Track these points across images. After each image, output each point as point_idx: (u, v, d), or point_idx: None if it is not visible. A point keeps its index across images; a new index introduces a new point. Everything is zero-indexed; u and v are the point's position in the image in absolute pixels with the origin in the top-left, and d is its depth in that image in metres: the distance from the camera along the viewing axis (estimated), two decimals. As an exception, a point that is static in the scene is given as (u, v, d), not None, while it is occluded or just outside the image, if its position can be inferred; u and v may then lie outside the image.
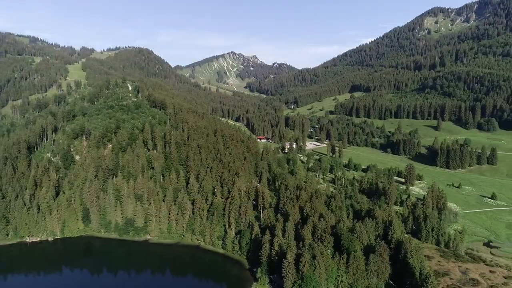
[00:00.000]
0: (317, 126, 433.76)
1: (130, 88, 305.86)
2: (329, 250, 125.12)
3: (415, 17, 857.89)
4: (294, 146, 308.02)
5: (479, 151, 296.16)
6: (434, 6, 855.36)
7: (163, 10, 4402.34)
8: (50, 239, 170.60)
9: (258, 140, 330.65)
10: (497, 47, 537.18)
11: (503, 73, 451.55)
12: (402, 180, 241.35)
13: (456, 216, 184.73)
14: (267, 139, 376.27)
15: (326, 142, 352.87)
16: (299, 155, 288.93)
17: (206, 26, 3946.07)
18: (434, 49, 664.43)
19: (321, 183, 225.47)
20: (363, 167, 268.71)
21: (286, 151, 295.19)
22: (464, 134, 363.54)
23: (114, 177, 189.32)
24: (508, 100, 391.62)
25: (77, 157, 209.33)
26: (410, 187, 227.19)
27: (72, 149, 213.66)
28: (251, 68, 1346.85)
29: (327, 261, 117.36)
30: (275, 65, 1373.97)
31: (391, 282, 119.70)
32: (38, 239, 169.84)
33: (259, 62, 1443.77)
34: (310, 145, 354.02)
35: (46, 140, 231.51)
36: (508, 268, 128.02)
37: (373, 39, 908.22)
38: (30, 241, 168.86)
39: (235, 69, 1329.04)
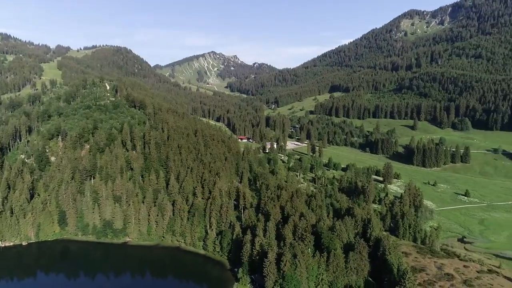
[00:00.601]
0: (297, 126, 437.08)
1: (108, 88, 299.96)
2: (309, 249, 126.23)
3: (392, 19, 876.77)
4: (275, 146, 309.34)
5: (453, 150, 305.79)
6: (410, 9, 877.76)
7: (142, 8, 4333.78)
8: (24, 243, 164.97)
9: (239, 140, 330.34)
10: (469, 49, 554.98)
11: (475, 74, 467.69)
12: (380, 178, 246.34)
13: (432, 213, 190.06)
14: (248, 139, 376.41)
15: (306, 142, 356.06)
16: (280, 154, 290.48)
17: (186, 25, 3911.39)
18: (410, 51, 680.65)
19: (301, 183, 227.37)
20: (342, 166, 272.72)
21: (267, 151, 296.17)
22: (439, 133, 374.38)
23: (92, 178, 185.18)
24: (480, 100, 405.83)
25: (52, 159, 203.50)
26: (388, 185, 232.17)
27: (47, 150, 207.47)
28: (232, 68, 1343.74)
29: (308, 259, 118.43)
30: (255, 65, 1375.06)
31: (370, 279, 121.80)
32: (11, 244, 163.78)
33: (239, 62, 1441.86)
34: (290, 144, 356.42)
35: (20, 141, 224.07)
36: (481, 262, 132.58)
37: (351, 40, 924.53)
38: (3, 245, 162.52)
39: (215, 69, 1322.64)
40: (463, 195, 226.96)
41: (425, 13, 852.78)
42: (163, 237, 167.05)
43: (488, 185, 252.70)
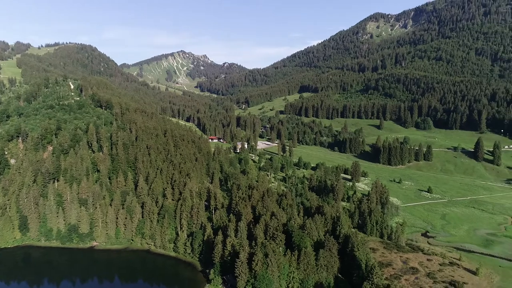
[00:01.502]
0: (268, 126, 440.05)
1: (72, 87, 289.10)
2: (281, 248, 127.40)
3: (359, 22, 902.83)
4: (246, 145, 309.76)
5: (417, 148, 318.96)
6: (375, 12, 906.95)
7: (110, 4, 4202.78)
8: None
9: (210, 140, 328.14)
10: (431, 52, 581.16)
11: (436, 75, 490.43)
12: (349, 177, 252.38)
13: (398, 210, 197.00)
14: (219, 139, 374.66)
15: (277, 142, 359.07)
16: (250, 154, 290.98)
17: (155, 24, 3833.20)
18: (376, 52, 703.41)
19: (272, 182, 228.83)
20: (312, 165, 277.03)
21: (238, 151, 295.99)
22: (403, 132, 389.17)
23: (55, 181, 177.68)
24: (441, 101, 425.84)
25: (12, 161, 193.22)
26: (356, 183, 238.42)
27: (6, 152, 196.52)
28: (202, 68, 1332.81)
29: (279, 258, 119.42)
30: (225, 65, 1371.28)
31: (340, 275, 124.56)
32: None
33: (209, 61, 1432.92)
34: (261, 144, 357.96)
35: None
36: (443, 255, 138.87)
37: (320, 41, 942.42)
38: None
39: (185, 68, 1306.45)
40: (426, 191, 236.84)
41: (389, 16, 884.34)
42: (132, 240, 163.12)
43: (449, 182, 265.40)
